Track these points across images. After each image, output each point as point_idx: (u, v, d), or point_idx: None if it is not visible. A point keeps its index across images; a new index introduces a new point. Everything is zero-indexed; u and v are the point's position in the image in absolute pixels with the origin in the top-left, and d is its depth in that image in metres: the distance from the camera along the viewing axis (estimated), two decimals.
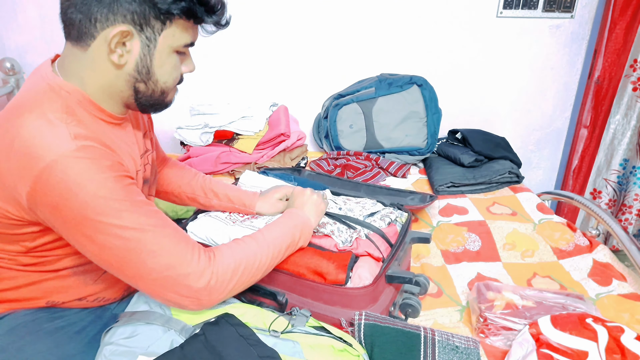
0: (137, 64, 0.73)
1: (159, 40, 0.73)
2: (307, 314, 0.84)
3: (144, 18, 0.69)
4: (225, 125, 1.81)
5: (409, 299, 0.99)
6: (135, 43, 0.71)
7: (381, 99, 1.85)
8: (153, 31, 0.71)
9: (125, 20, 0.68)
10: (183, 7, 0.71)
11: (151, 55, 0.73)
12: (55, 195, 0.65)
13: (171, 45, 0.74)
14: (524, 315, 0.95)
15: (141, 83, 0.75)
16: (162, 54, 0.74)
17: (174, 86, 0.80)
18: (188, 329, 0.75)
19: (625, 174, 2.14)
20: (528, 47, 2.03)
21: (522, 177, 1.70)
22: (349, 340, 0.79)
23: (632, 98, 1.99)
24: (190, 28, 0.76)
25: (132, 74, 0.74)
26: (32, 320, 0.80)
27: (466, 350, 0.82)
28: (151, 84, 0.76)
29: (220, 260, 0.75)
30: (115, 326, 0.77)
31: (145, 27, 0.70)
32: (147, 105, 0.79)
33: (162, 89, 0.78)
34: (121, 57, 0.71)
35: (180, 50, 0.77)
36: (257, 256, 0.80)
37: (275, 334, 0.77)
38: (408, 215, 1.12)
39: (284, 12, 1.88)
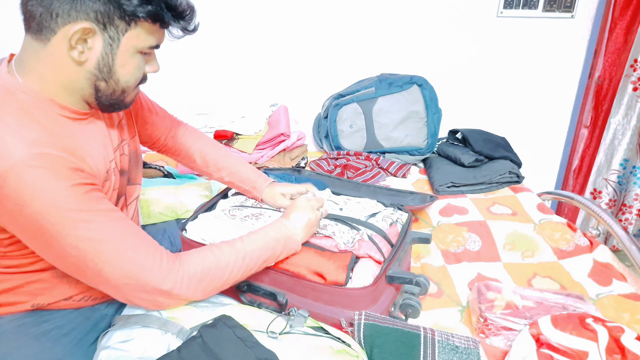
0: (99, 62, 0.71)
1: (123, 41, 0.71)
2: (306, 315, 0.84)
3: (108, 17, 0.67)
4: (225, 125, 1.81)
5: (409, 299, 0.99)
6: (97, 41, 0.69)
7: (381, 98, 1.85)
8: (117, 31, 0.69)
9: (87, 18, 0.66)
10: (149, 11, 0.69)
11: (113, 54, 0.71)
12: (10, 204, 0.63)
13: (135, 46, 0.72)
14: (524, 316, 0.95)
15: (102, 81, 0.73)
16: (125, 54, 0.72)
17: (135, 86, 0.78)
18: (185, 332, 0.75)
19: (625, 174, 2.14)
20: (528, 47, 2.03)
21: (523, 177, 1.70)
22: (347, 340, 0.79)
23: (632, 98, 1.99)
24: (156, 31, 0.74)
25: (93, 72, 0.71)
26: (18, 325, 0.78)
27: (466, 350, 0.82)
28: (112, 83, 0.74)
29: (186, 267, 0.74)
30: (111, 330, 0.77)
31: (109, 27, 0.68)
32: (107, 104, 0.77)
33: (123, 88, 0.76)
34: (82, 53, 0.69)
35: (144, 51, 0.75)
36: (228, 267, 0.79)
37: (273, 335, 0.77)
38: (408, 215, 1.12)
39: (284, 12, 1.88)
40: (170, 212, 1.32)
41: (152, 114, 1.06)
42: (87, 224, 0.67)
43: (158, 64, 0.81)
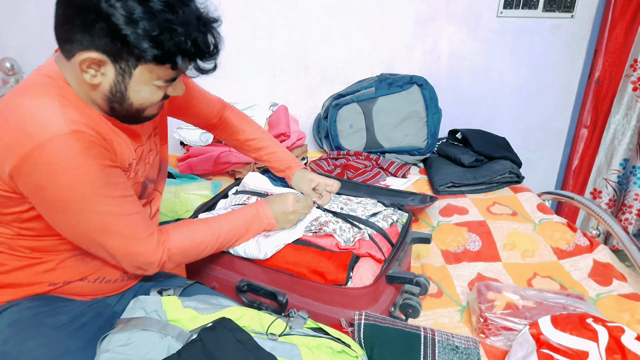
0: (112, 88, 0.72)
1: (135, 73, 0.71)
2: (305, 316, 0.84)
3: (117, 53, 0.68)
4: None
5: (410, 299, 0.99)
6: (110, 69, 0.70)
7: (381, 98, 1.85)
8: (127, 64, 0.70)
9: (97, 49, 0.68)
10: (156, 56, 0.69)
11: (126, 83, 0.72)
12: (40, 175, 0.68)
13: (149, 79, 0.73)
14: (524, 316, 0.95)
15: (116, 103, 0.75)
16: (139, 84, 0.73)
17: (153, 105, 0.79)
18: (185, 335, 0.75)
19: (625, 174, 2.14)
20: (528, 47, 2.03)
21: (523, 177, 1.70)
22: (347, 341, 0.79)
23: (632, 98, 1.99)
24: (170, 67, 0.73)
25: (107, 95, 0.73)
26: (35, 314, 0.81)
27: (466, 350, 0.82)
28: (126, 106, 0.75)
29: (170, 245, 0.83)
30: (111, 333, 0.77)
31: (119, 60, 0.69)
32: (125, 119, 0.79)
33: (138, 109, 0.77)
34: (94, 77, 0.70)
35: (160, 85, 0.75)
36: (203, 244, 0.89)
37: (272, 337, 0.76)
38: (408, 215, 1.12)
39: (284, 12, 1.88)
40: (170, 212, 1.32)
41: (202, 101, 1.09)
42: (106, 201, 0.73)
43: (182, 87, 0.81)
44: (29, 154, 0.66)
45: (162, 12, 0.66)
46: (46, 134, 0.66)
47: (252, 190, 1.19)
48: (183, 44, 0.69)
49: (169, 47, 0.68)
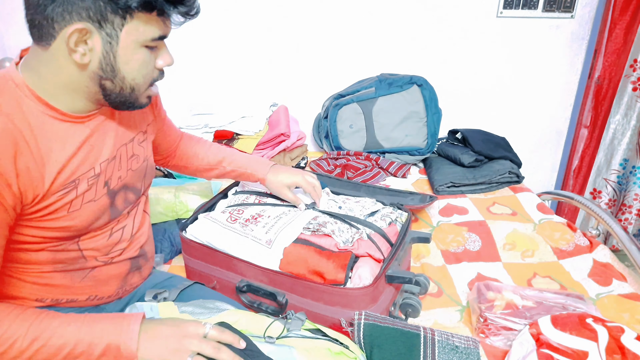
0: (101, 62, 0.69)
1: (121, 37, 0.68)
2: (303, 318, 0.83)
3: (101, 14, 0.65)
4: (225, 125, 1.81)
5: (409, 298, 0.99)
6: (96, 40, 0.67)
7: (381, 99, 1.85)
8: (113, 27, 0.67)
9: (81, 18, 0.65)
10: (143, 2, 0.66)
11: (114, 52, 0.69)
12: None
13: (136, 40, 0.70)
14: (524, 315, 0.95)
15: (107, 81, 0.72)
16: (127, 50, 0.70)
17: (145, 83, 0.76)
18: None
19: (625, 174, 2.14)
20: (528, 47, 2.03)
21: (522, 177, 1.70)
22: (345, 342, 0.79)
23: (632, 98, 1.99)
24: (155, 20, 0.71)
25: (97, 72, 0.70)
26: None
27: (466, 350, 0.82)
28: (118, 82, 0.72)
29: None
30: None
31: (104, 24, 0.66)
32: (118, 102, 0.76)
33: (132, 86, 0.74)
34: (84, 55, 0.68)
35: (149, 44, 0.72)
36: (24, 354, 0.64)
37: (270, 340, 0.76)
38: (408, 215, 1.12)
39: (284, 12, 1.88)
40: (170, 212, 1.32)
41: (169, 125, 1.07)
42: None
43: (171, 56, 0.77)
44: None
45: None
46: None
47: (252, 190, 1.19)
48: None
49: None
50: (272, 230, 0.98)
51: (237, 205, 1.10)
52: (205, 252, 1.02)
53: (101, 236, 0.83)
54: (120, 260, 0.88)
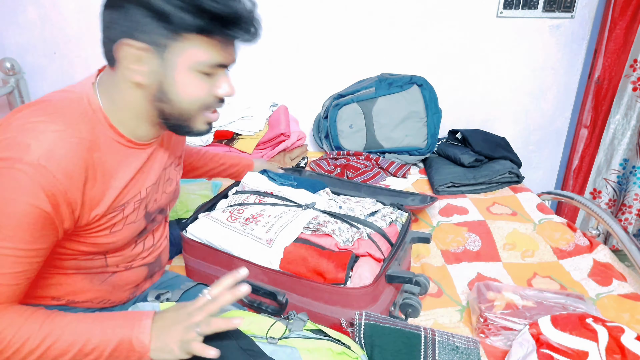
0: (154, 82, 0.69)
1: (176, 60, 0.67)
2: (305, 318, 0.83)
3: (157, 35, 0.66)
4: (225, 125, 1.81)
5: (409, 298, 0.99)
6: (152, 61, 0.68)
7: (381, 99, 1.85)
8: (168, 49, 0.67)
9: (137, 38, 0.65)
10: (199, 26, 0.65)
11: (166, 74, 0.69)
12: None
13: (190, 66, 0.69)
14: (524, 315, 0.95)
15: (161, 103, 0.72)
16: (180, 75, 0.69)
17: (200, 109, 0.74)
18: None
19: (625, 174, 2.14)
20: (528, 47, 2.03)
21: (522, 177, 1.70)
22: (347, 342, 0.79)
23: (632, 98, 1.99)
24: (213, 46, 0.69)
25: (153, 93, 0.71)
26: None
27: (466, 351, 0.82)
28: (170, 105, 0.72)
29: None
30: None
31: (160, 46, 0.66)
32: (176, 126, 0.76)
33: (186, 111, 0.73)
34: (136, 73, 0.68)
35: (206, 71, 0.70)
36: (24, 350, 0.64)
37: (272, 340, 0.76)
38: (408, 215, 1.12)
39: (284, 12, 1.88)
40: (170, 212, 1.32)
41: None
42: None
43: (231, 86, 0.75)
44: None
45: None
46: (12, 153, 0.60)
47: (252, 190, 1.19)
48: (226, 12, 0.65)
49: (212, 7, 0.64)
50: (273, 230, 0.98)
51: (238, 204, 1.10)
52: (205, 251, 1.02)
53: (127, 250, 0.85)
54: (138, 266, 0.90)
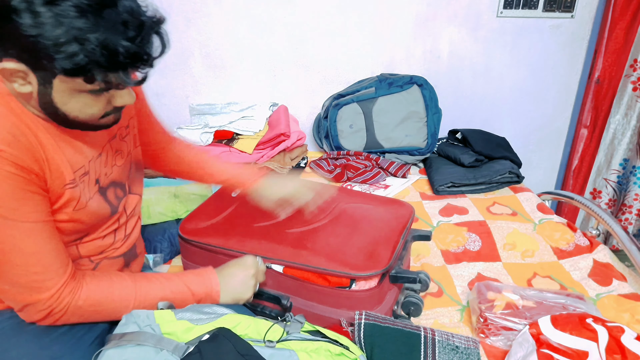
0: (40, 98, 0.67)
1: (54, 82, 0.64)
2: (302, 320, 0.82)
3: (31, 61, 0.62)
4: (225, 125, 1.81)
5: (412, 296, 0.99)
6: (33, 78, 0.64)
7: (381, 99, 1.85)
8: (45, 74, 0.63)
9: (11, 57, 0.62)
10: (65, 68, 0.61)
11: (49, 94, 0.66)
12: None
13: (71, 87, 0.65)
14: (524, 316, 0.95)
15: (51, 114, 0.69)
16: (63, 95, 0.66)
17: (94, 118, 0.72)
18: (181, 348, 0.72)
19: (625, 174, 2.14)
20: (528, 47, 2.03)
21: (523, 177, 1.70)
22: (345, 342, 0.78)
23: (632, 98, 1.99)
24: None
25: (40, 104, 0.68)
26: (18, 322, 0.78)
27: (466, 351, 0.82)
28: (62, 116, 0.69)
29: (84, 292, 0.75)
30: (104, 349, 0.74)
31: (37, 70, 0.63)
32: (74, 127, 0.73)
33: (79, 120, 0.70)
34: (22, 86, 0.65)
35: (96, 90, 0.67)
36: (123, 306, 0.78)
37: (270, 344, 0.75)
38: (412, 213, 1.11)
39: (283, 12, 1.88)
40: (170, 212, 1.32)
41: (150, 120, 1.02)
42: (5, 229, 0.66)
43: (130, 96, 0.72)
44: None
45: (68, 17, 0.58)
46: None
47: None
48: (97, 55, 0.60)
49: (80, 58, 0.60)
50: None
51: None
52: (204, 256, 1.01)
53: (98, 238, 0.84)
54: (113, 257, 0.90)
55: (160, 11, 0.68)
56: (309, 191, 1.05)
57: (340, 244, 0.94)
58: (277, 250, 0.95)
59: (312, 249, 0.93)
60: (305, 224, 1.01)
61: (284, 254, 0.92)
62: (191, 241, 1.02)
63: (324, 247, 0.94)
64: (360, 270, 0.87)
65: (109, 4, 0.61)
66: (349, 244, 0.94)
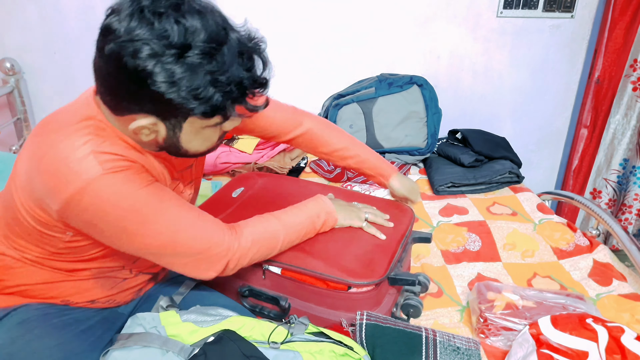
0: (165, 141, 0.72)
1: (184, 126, 0.69)
2: (306, 322, 0.83)
3: (165, 114, 0.67)
4: None
5: (411, 299, 0.99)
6: (161, 127, 0.69)
7: (381, 99, 1.85)
8: (177, 120, 0.68)
9: (147, 113, 0.66)
10: (204, 111, 0.65)
11: (177, 137, 0.71)
12: (90, 215, 0.68)
13: (200, 127, 0.70)
14: (524, 316, 0.95)
15: (170, 151, 0.75)
16: (190, 135, 0.71)
17: (209, 149, 0.78)
18: (187, 350, 0.73)
19: (625, 174, 2.14)
20: (528, 47, 2.03)
21: (523, 177, 1.70)
22: (349, 343, 0.79)
23: (632, 98, 1.99)
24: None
25: (161, 144, 0.73)
26: (43, 314, 0.81)
27: (467, 352, 0.82)
28: (183, 152, 0.75)
29: (243, 238, 0.81)
30: (111, 349, 0.76)
31: (168, 118, 0.68)
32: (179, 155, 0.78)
33: (195, 154, 0.76)
34: (149, 135, 0.70)
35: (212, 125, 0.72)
36: (275, 238, 0.86)
37: (275, 345, 0.76)
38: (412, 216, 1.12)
39: (284, 12, 1.88)
40: None
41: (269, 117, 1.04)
42: (164, 218, 0.72)
43: (238, 120, 0.75)
44: (71, 199, 0.66)
45: (201, 65, 0.62)
46: (82, 180, 0.65)
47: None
48: (231, 92, 0.65)
49: (216, 99, 0.64)
50: None
51: None
52: None
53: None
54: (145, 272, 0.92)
55: (252, 29, 0.73)
56: (419, 195, 1.15)
57: (338, 249, 0.94)
58: None
59: (311, 252, 0.92)
60: None
61: (282, 257, 0.92)
62: None
63: (322, 251, 0.93)
64: (357, 278, 0.87)
65: (224, 40, 0.65)
66: (347, 249, 0.93)
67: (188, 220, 0.76)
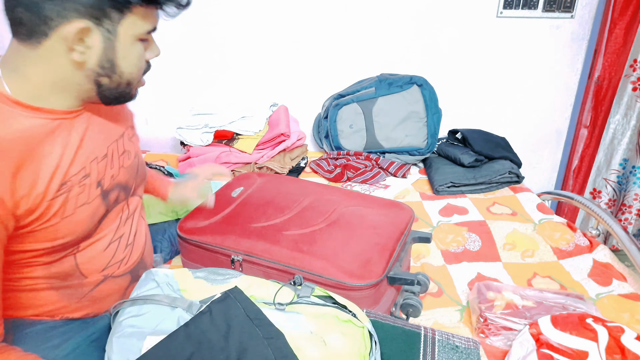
0: (100, 59, 0.69)
1: (120, 32, 0.69)
2: (313, 285, 0.83)
3: (100, 10, 0.65)
4: (226, 125, 1.81)
5: (410, 298, 0.99)
6: (95, 38, 0.67)
7: (381, 99, 1.85)
8: (112, 22, 0.67)
9: (79, 15, 0.64)
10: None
11: (113, 48, 0.69)
12: None
13: (133, 34, 0.70)
14: (524, 315, 0.95)
15: (104, 77, 0.72)
16: (125, 45, 0.70)
17: (139, 75, 0.77)
18: (195, 306, 0.75)
19: (625, 174, 2.14)
20: (528, 47, 2.03)
21: (522, 177, 1.70)
22: (353, 309, 0.78)
23: (632, 98, 1.99)
24: (150, 14, 0.72)
25: (94, 69, 0.70)
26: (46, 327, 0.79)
27: (466, 350, 0.82)
28: (116, 77, 0.73)
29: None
30: (124, 306, 0.77)
31: (103, 20, 0.66)
32: (112, 97, 0.76)
33: (128, 80, 0.75)
34: (82, 54, 0.67)
35: (143, 37, 0.73)
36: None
37: (280, 306, 0.76)
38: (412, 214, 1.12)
39: (284, 12, 1.88)
40: (170, 212, 1.32)
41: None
42: None
43: (158, 48, 0.78)
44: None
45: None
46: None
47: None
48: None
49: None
50: None
51: None
52: (202, 255, 1.01)
53: (99, 246, 0.81)
54: (119, 275, 0.87)
55: None
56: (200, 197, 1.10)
57: (336, 249, 0.94)
58: (273, 252, 0.95)
59: (309, 252, 0.92)
60: (303, 227, 1.01)
61: (280, 256, 0.91)
62: (189, 240, 1.02)
63: (320, 251, 0.93)
64: (355, 279, 0.87)
65: None
66: (345, 250, 0.93)
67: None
